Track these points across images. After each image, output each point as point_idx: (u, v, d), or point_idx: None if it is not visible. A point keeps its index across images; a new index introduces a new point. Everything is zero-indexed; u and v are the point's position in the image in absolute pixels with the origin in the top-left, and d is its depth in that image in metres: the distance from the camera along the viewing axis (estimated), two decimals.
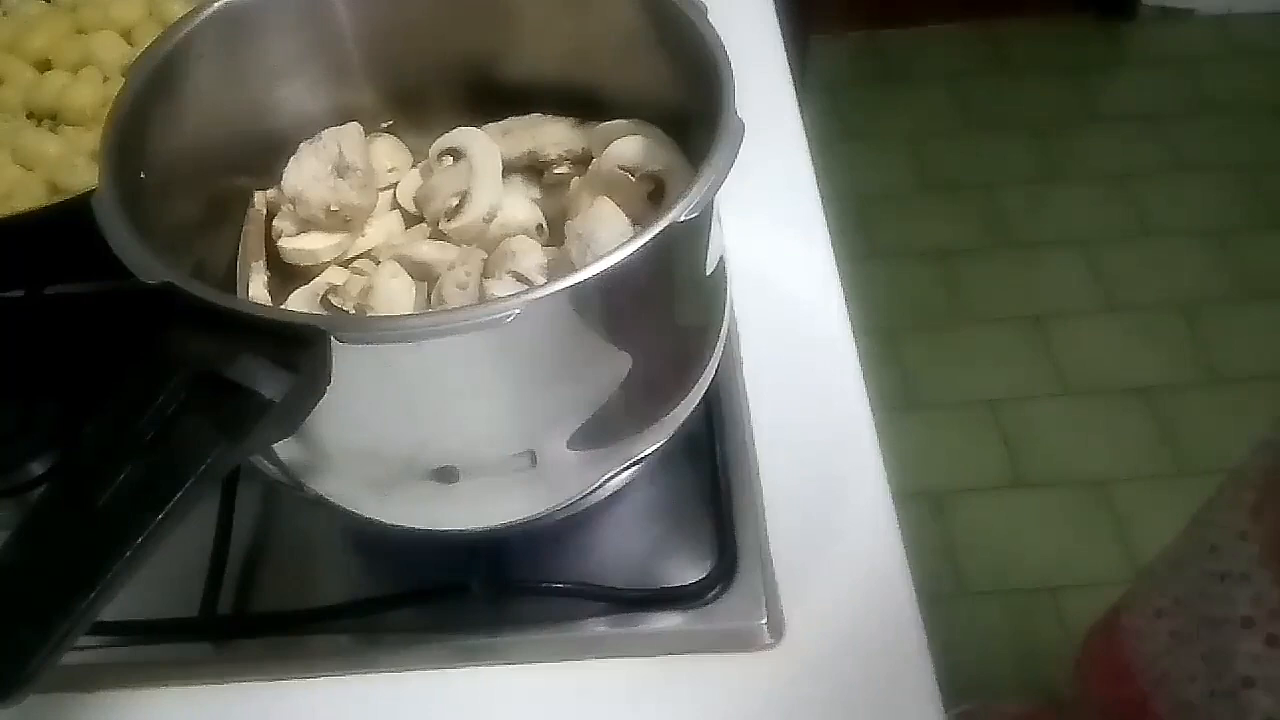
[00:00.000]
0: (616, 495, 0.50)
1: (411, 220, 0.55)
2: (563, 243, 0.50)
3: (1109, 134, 2.00)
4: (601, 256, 0.38)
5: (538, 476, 0.45)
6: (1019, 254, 1.80)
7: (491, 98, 0.56)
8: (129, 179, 0.43)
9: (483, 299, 0.49)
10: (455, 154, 0.53)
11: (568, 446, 0.44)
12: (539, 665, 0.50)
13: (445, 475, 0.43)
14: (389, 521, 0.47)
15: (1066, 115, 2.04)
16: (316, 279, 0.51)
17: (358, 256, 0.53)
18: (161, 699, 0.50)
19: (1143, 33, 2.20)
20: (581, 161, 0.54)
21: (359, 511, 0.47)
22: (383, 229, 0.54)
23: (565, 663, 0.50)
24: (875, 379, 0.62)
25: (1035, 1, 2.20)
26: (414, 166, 0.56)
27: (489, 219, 0.52)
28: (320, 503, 0.46)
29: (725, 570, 0.51)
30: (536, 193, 0.54)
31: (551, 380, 0.42)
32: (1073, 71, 2.11)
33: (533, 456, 0.44)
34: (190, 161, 0.49)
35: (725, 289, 0.51)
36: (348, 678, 0.50)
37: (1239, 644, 0.56)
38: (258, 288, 0.51)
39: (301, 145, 0.54)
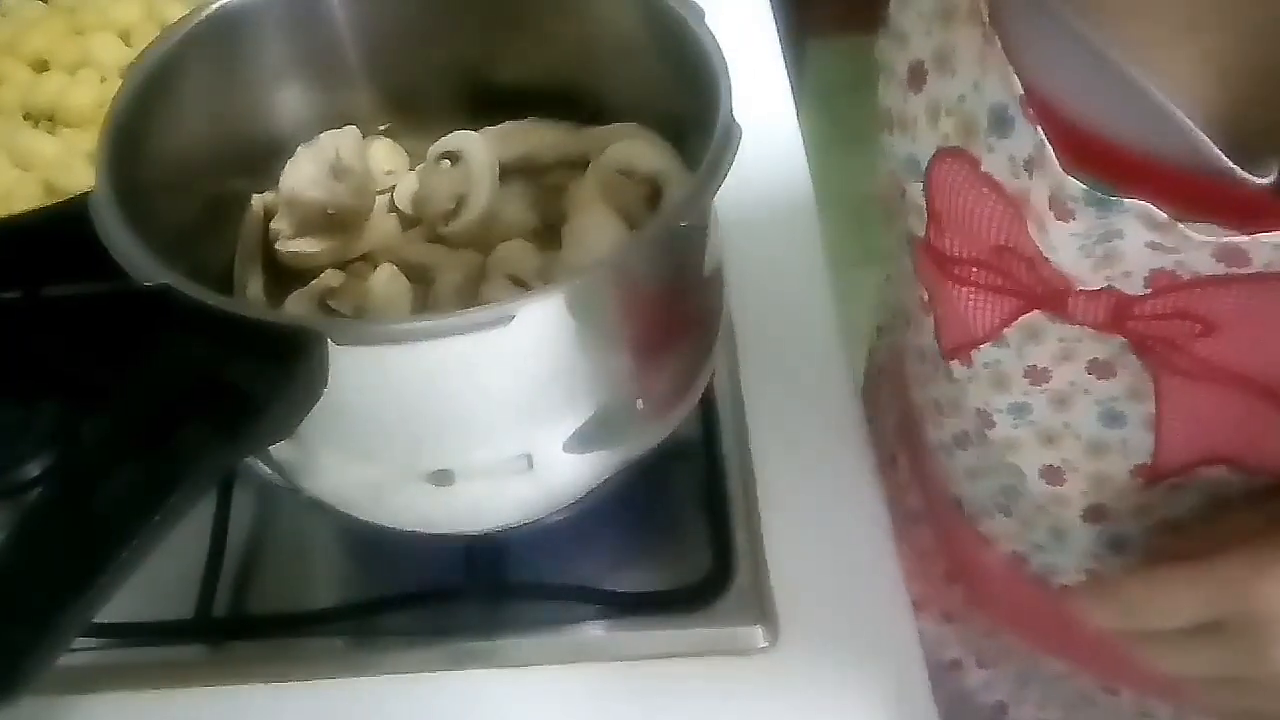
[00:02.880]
0: (613, 498, 0.50)
1: (409, 223, 0.55)
2: (559, 246, 0.50)
3: None
4: (598, 260, 0.38)
5: (534, 479, 0.45)
6: None
7: (489, 101, 0.56)
8: (126, 180, 0.43)
9: (479, 302, 0.48)
10: (453, 157, 0.53)
11: (564, 449, 0.44)
12: (534, 668, 0.50)
13: (441, 478, 0.43)
14: (385, 524, 0.47)
15: None
16: (314, 281, 0.51)
17: (355, 259, 0.53)
18: (156, 701, 0.50)
19: None
20: (578, 165, 0.54)
21: (355, 513, 0.47)
22: (380, 232, 0.54)
23: (561, 666, 0.50)
24: None
25: None
26: (411, 169, 0.56)
27: (486, 222, 0.52)
28: (316, 505, 0.46)
29: (721, 574, 0.51)
30: (533, 196, 0.54)
31: (548, 383, 0.42)
32: None
33: (529, 459, 0.44)
34: (188, 163, 0.49)
35: (722, 292, 0.51)
36: (343, 680, 0.50)
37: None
38: (255, 290, 0.51)
39: (299, 148, 0.54)
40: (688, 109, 0.46)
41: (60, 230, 0.50)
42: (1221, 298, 0.35)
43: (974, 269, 0.41)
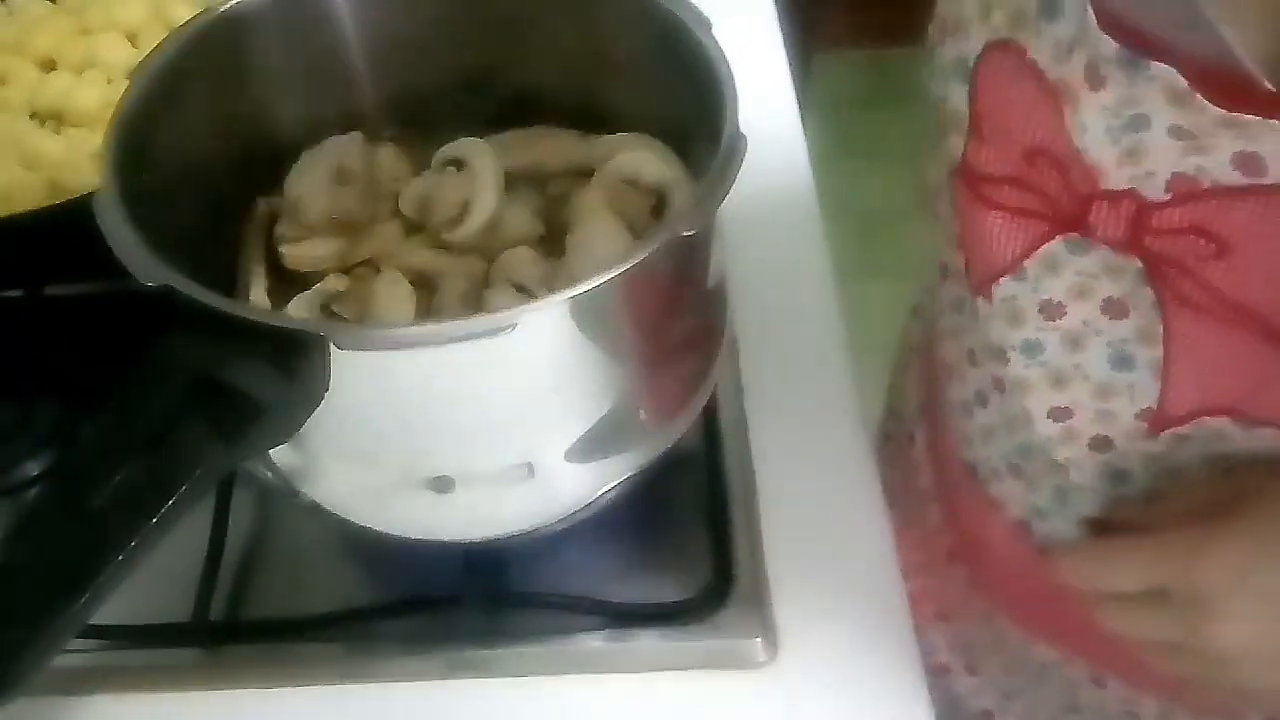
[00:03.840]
0: (613, 508, 0.50)
1: (413, 229, 0.55)
2: (563, 255, 0.50)
3: None
4: (602, 269, 0.38)
5: (535, 488, 0.45)
6: None
7: (495, 108, 0.56)
8: (131, 181, 0.43)
9: (482, 309, 0.48)
10: (458, 164, 0.53)
11: (565, 458, 0.44)
12: (532, 679, 0.50)
13: (441, 485, 0.43)
14: (384, 530, 0.47)
15: None
16: (317, 286, 0.51)
17: (359, 264, 0.53)
18: (151, 704, 0.50)
19: None
20: (584, 174, 0.54)
21: (354, 519, 0.47)
22: (384, 237, 0.54)
23: (558, 677, 0.50)
24: (873, 397, 0.62)
25: None
26: (417, 176, 0.56)
27: (490, 229, 0.52)
28: (315, 510, 0.46)
29: (721, 586, 0.51)
30: (538, 204, 0.54)
31: (550, 391, 0.42)
32: None
33: (530, 468, 0.44)
34: (193, 165, 0.49)
35: (725, 304, 0.51)
36: (339, 687, 0.50)
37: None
38: (258, 293, 0.51)
39: (304, 152, 0.54)
40: (694, 119, 0.46)
41: (64, 229, 0.50)
42: (1237, 212, 0.36)
43: (1005, 188, 0.43)
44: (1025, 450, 0.49)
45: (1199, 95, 0.35)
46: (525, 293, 0.48)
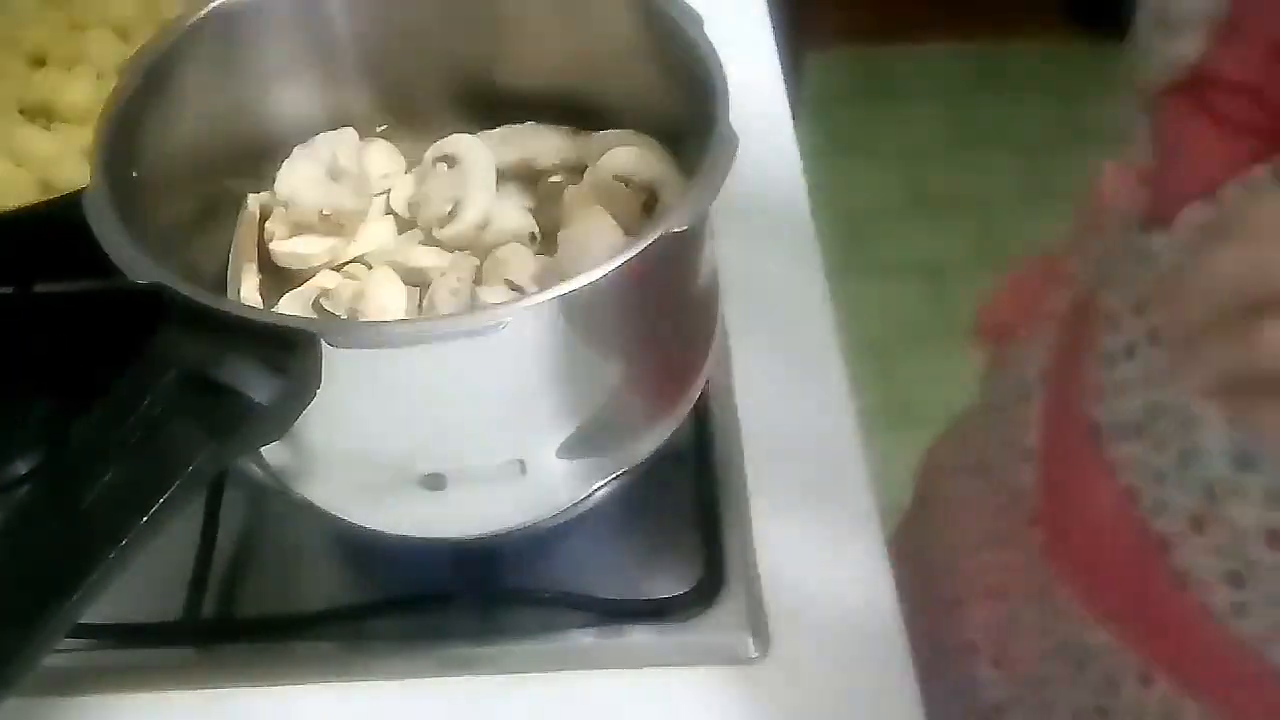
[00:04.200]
0: (605, 505, 0.50)
1: (405, 226, 0.55)
2: (555, 252, 0.50)
3: (1098, 153, 2.02)
4: (593, 266, 0.38)
5: (526, 485, 0.45)
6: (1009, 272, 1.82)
7: (487, 105, 0.56)
8: (121, 177, 0.43)
9: (475, 306, 0.49)
10: (450, 160, 0.53)
11: (557, 456, 0.44)
12: (523, 675, 0.50)
13: (433, 482, 0.43)
14: (376, 527, 0.47)
15: (1057, 134, 2.05)
16: (308, 283, 0.51)
17: (350, 261, 0.53)
18: (143, 703, 0.50)
19: (1133, 55, 2.22)
20: (576, 171, 0.54)
21: (346, 517, 0.47)
22: (376, 234, 0.54)
23: (550, 673, 0.50)
24: (865, 394, 0.62)
25: (1028, 22, 2.22)
26: (408, 172, 0.56)
27: (482, 226, 0.52)
28: (307, 507, 0.46)
29: (712, 583, 0.51)
30: (530, 201, 0.55)
31: (542, 389, 0.42)
32: (1064, 91, 2.13)
33: (522, 465, 0.44)
34: (183, 162, 0.49)
35: (716, 301, 0.51)
36: (331, 685, 0.50)
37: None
38: (249, 290, 0.51)
39: (295, 149, 0.54)
40: (685, 116, 0.46)
41: (53, 226, 0.50)
42: None
43: (1234, 97, 0.42)
44: (1159, 409, 0.48)
45: None
46: (517, 290, 0.48)
